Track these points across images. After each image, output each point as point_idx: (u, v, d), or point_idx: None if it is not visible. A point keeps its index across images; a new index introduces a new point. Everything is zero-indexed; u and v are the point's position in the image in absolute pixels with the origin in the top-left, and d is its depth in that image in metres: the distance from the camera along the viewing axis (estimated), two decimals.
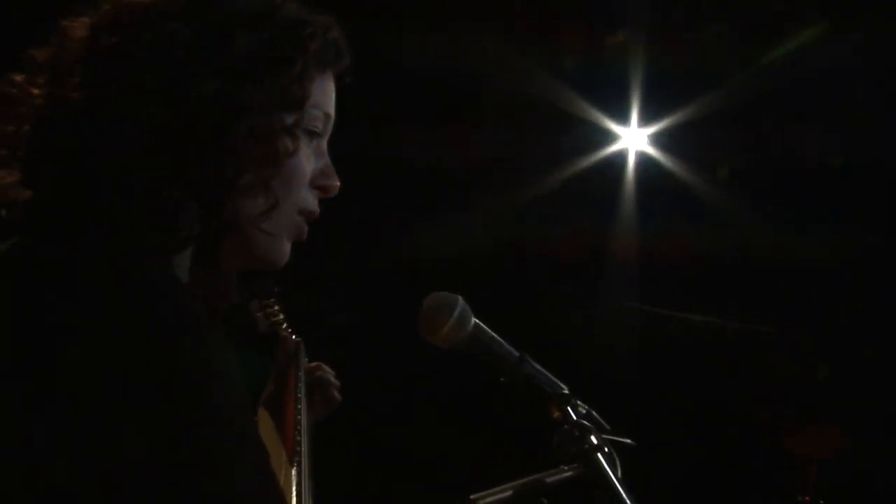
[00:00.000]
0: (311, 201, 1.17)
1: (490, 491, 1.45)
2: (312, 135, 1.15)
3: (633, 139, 5.33)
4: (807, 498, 4.16)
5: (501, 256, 5.31)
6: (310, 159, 1.16)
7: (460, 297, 1.46)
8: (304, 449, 1.65)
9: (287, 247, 1.17)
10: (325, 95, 1.17)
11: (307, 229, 1.19)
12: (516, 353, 1.46)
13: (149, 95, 1.00)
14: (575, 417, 1.33)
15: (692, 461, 5.01)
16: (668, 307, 5.22)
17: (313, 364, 1.95)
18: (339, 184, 1.20)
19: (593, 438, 1.24)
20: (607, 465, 1.21)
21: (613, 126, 5.27)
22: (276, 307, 2.10)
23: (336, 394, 1.92)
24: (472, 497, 1.46)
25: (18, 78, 1.07)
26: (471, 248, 5.15)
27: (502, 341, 1.48)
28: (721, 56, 4.69)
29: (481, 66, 4.91)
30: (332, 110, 1.19)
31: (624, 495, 1.16)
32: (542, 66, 4.98)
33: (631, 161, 5.41)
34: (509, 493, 1.47)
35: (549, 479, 1.52)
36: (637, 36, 4.79)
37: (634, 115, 5.19)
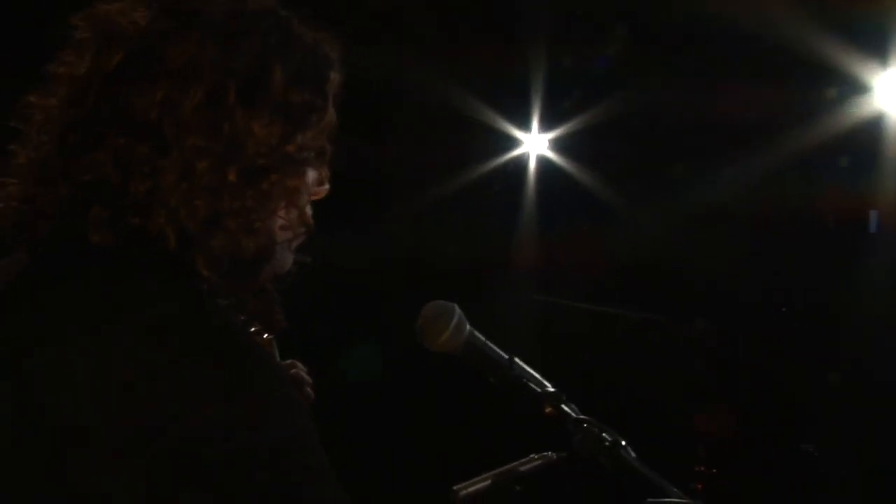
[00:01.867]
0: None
1: (470, 481, 1.58)
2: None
3: (534, 144, 5.54)
4: (701, 468, 4.52)
5: (408, 259, 5.42)
6: None
7: (456, 306, 1.55)
8: None
9: None
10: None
11: None
12: (506, 356, 1.58)
13: (200, 131, 0.99)
14: (573, 414, 1.45)
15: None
16: (569, 300, 5.48)
17: (288, 362, 1.93)
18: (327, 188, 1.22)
19: (606, 435, 1.35)
20: (628, 456, 1.32)
21: (515, 132, 5.47)
22: None
23: (310, 391, 1.92)
24: (454, 488, 1.57)
25: (45, 100, 1.05)
26: (378, 252, 5.24)
27: (493, 346, 1.59)
28: (618, 64, 4.93)
29: (384, 75, 4.98)
30: None
31: (656, 479, 1.28)
32: (446, 75, 5.10)
33: (532, 165, 5.62)
34: (488, 482, 1.59)
35: (522, 468, 1.65)
36: (537, 45, 4.98)
37: (535, 122, 5.40)
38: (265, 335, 2.06)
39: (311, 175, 1.14)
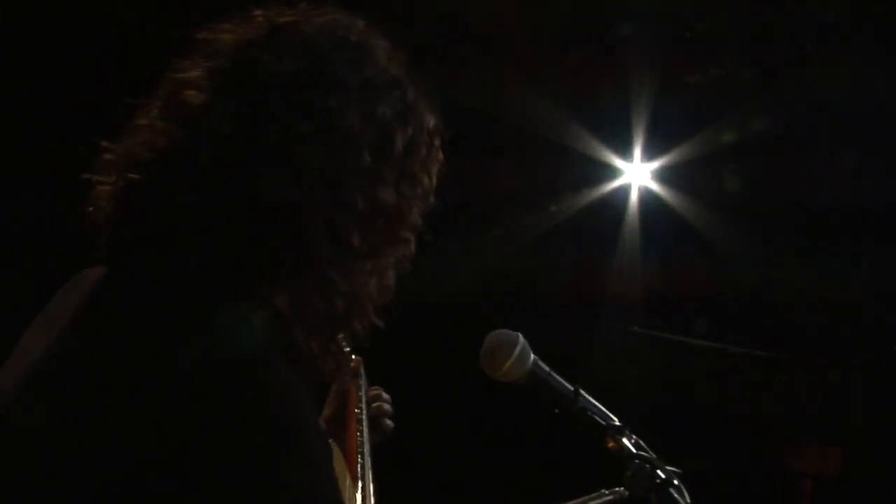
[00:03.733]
0: None
1: None
2: None
3: (637, 174, 5.45)
4: None
5: (508, 287, 5.39)
6: None
7: (520, 335, 1.54)
8: (368, 471, 1.67)
9: None
10: None
11: None
12: (571, 387, 1.55)
13: (306, 168, 0.98)
14: (633, 449, 1.41)
15: (695, 477, 5.11)
16: (668, 334, 5.35)
17: (374, 392, 1.92)
18: None
19: (661, 472, 1.32)
20: (678, 496, 1.27)
21: (617, 161, 5.40)
22: None
23: (390, 423, 1.92)
24: None
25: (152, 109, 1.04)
26: (477, 280, 5.23)
27: (558, 376, 1.57)
28: (723, 93, 4.82)
29: (487, 102, 5.00)
30: None
31: None
32: (548, 103, 5.08)
33: (634, 195, 5.53)
34: None
35: (592, 503, 1.62)
36: (641, 73, 4.91)
37: (638, 151, 5.32)
38: (353, 356, 2.07)
39: (417, 223, 1.12)
